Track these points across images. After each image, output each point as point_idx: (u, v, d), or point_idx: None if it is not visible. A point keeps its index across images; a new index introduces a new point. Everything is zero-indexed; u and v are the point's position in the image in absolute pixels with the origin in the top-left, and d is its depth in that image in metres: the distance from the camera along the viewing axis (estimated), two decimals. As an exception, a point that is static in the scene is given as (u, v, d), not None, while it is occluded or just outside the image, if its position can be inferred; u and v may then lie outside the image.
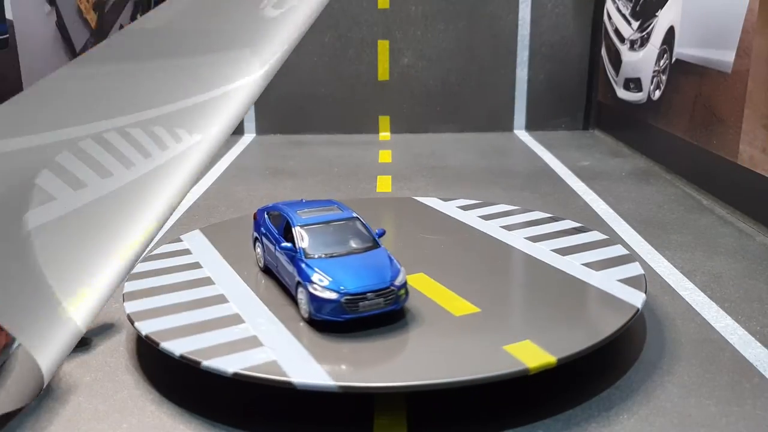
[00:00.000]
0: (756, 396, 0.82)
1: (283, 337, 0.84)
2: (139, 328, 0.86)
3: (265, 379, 0.75)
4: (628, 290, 0.96)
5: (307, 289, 0.86)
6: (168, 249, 1.13)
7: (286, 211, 0.98)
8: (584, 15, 2.42)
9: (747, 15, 1.45)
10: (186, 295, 0.95)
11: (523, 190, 1.71)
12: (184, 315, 0.89)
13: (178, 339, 0.82)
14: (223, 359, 0.78)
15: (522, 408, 0.80)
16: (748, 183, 1.44)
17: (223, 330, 0.85)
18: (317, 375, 0.76)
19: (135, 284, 0.98)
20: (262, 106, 2.47)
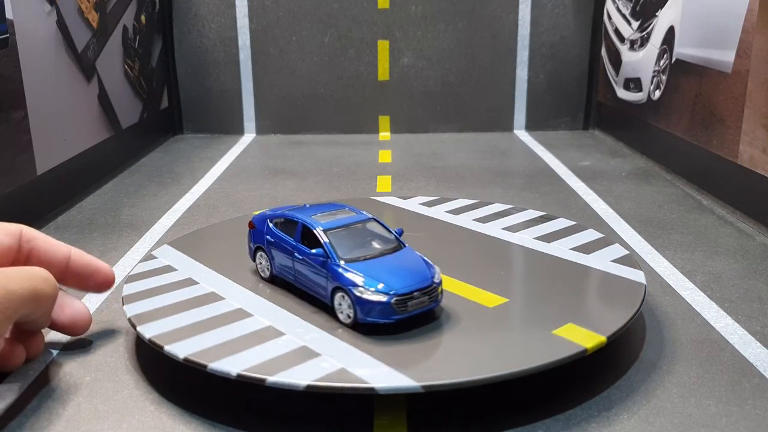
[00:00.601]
0: (756, 396, 0.82)
1: (335, 344, 0.83)
2: (174, 352, 0.80)
3: (344, 388, 0.73)
4: (625, 269, 1.04)
5: (351, 293, 0.85)
6: (148, 267, 1.07)
7: (298, 217, 0.96)
8: (584, 15, 2.42)
9: (747, 15, 1.45)
10: (201, 313, 0.91)
11: (523, 190, 1.71)
12: (212, 334, 0.85)
13: (224, 359, 0.78)
14: (286, 373, 0.75)
15: (522, 408, 0.80)
16: (748, 183, 1.44)
17: (267, 344, 0.82)
18: (396, 378, 0.74)
19: (135, 307, 0.93)
20: (262, 106, 2.47)
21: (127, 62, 2.06)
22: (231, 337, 0.84)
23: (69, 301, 0.93)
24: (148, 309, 0.92)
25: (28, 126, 1.46)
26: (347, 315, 0.87)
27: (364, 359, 0.79)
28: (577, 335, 0.84)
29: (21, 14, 1.43)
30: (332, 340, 0.84)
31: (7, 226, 0.90)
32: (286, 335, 0.85)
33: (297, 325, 0.88)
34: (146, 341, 0.84)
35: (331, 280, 0.88)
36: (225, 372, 0.76)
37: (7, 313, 0.76)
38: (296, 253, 0.94)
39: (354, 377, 0.75)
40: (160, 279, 1.02)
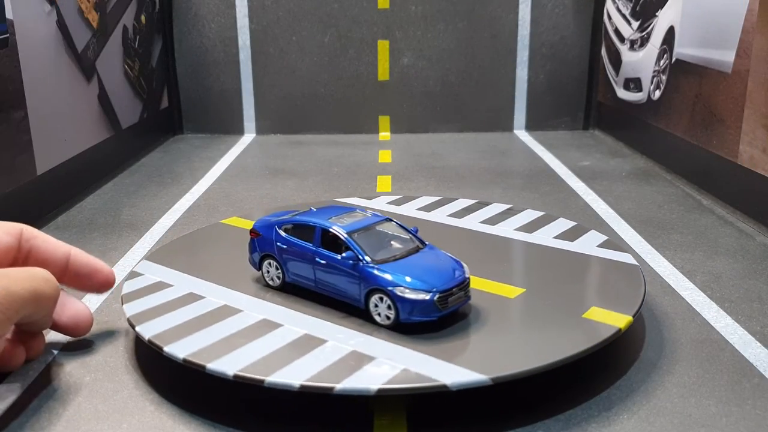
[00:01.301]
0: (756, 396, 0.82)
1: (383, 346, 0.82)
2: (223, 370, 0.77)
3: (417, 388, 0.73)
4: (614, 253, 1.11)
5: (393, 293, 0.85)
6: (138, 285, 1.00)
7: (315, 222, 0.94)
8: (584, 15, 2.42)
9: (747, 15, 1.45)
10: (226, 328, 0.87)
11: (523, 190, 1.71)
12: (250, 348, 0.82)
13: (279, 372, 0.76)
14: (352, 379, 0.74)
15: (522, 408, 0.80)
16: (748, 183, 1.44)
17: (315, 353, 0.81)
18: (463, 374, 0.75)
19: (147, 327, 0.87)
20: (262, 106, 2.47)
21: (127, 62, 2.06)
22: (272, 349, 0.81)
23: (70, 302, 0.93)
24: (166, 328, 0.87)
25: (28, 126, 1.46)
26: (385, 316, 0.87)
27: (421, 358, 0.79)
28: (605, 317, 0.88)
29: (21, 14, 1.43)
30: (378, 342, 0.83)
31: (7, 225, 0.90)
32: (330, 342, 0.83)
33: (335, 331, 0.86)
34: (181, 361, 0.80)
35: (365, 283, 0.88)
36: (287, 385, 0.74)
37: (8, 314, 0.76)
38: (318, 258, 0.92)
39: (422, 377, 0.75)
40: (160, 297, 0.96)
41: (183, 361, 0.79)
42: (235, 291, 0.99)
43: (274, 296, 0.97)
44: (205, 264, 1.09)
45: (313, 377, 0.75)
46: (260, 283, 1.02)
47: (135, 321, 0.88)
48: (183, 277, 1.03)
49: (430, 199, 1.44)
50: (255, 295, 0.98)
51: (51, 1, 1.58)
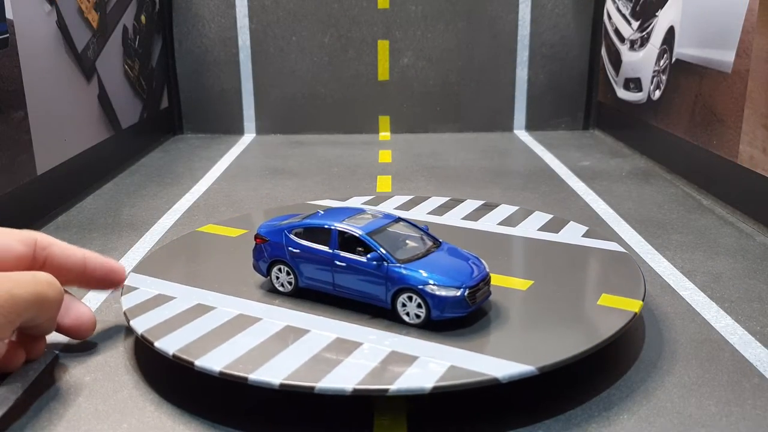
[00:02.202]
0: (756, 396, 0.82)
1: (421, 345, 0.82)
2: (270, 381, 0.75)
3: (469, 383, 0.74)
4: (600, 242, 1.16)
5: (424, 291, 0.85)
6: (138, 299, 0.95)
7: (330, 225, 0.93)
8: (584, 15, 2.42)
9: (747, 15, 1.45)
10: (250, 338, 0.84)
11: (523, 190, 1.71)
12: (285, 357, 0.80)
13: (327, 378, 0.75)
14: (403, 380, 0.74)
15: (522, 408, 0.80)
16: (748, 183, 1.44)
17: (355, 356, 0.80)
18: (510, 366, 0.76)
19: (168, 342, 0.83)
20: (262, 106, 2.47)
21: (127, 62, 2.06)
22: (310, 355, 0.80)
23: (73, 305, 0.92)
24: (188, 341, 0.83)
25: (28, 126, 1.46)
26: (415, 315, 0.87)
27: (462, 354, 0.80)
28: (617, 302, 0.92)
29: (21, 14, 1.43)
30: (414, 341, 0.83)
31: (21, 234, 0.89)
32: (365, 344, 0.83)
33: (366, 333, 0.86)
34: (218, 374, 0.77)
35: (392, 283, 0.87)
36: (339, 390, 0.73)
37: (11, 317, 0.76)
38: (337, 261, 0.92)
39: (471, 372, 0.75)
40: (166, 310, 0.92)
41: (219, 374, 0.76)
42: (243, 299, 0.96)
43: (286, 302, 0.95)
44: (196, 273, 1.06)
45: (363, 380, 0.74)
46: (264, 289, 0.99)
47: (151, 336, 0.84)
48: (182, 288, 0.99)
49: (404, 199, 1.44)
50: (265, 301, 0.95)
51: (51, 1, 1.58)
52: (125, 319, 0.90)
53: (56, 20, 1.61)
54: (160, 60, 2.36)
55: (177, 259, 1.12)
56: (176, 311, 0.92)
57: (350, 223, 0.94)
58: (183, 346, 0.82)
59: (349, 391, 0.73)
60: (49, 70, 1.57)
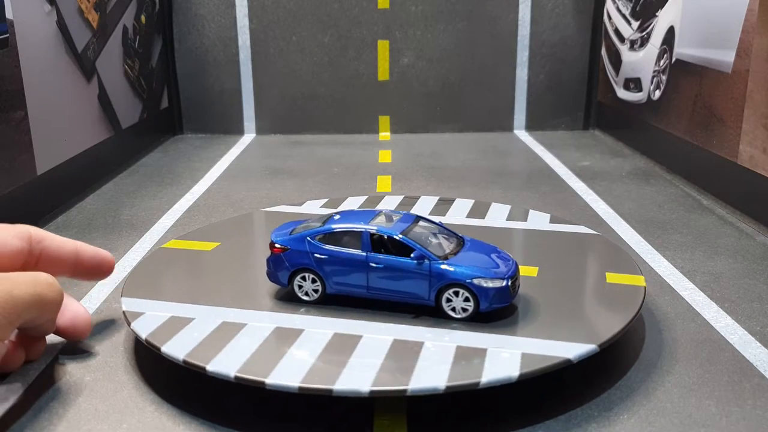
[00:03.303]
0: (756, 396, 0.82)
1: (484, 338, 0.84)
2: (355, 389, 0.74)
3: (550, 366, 0.77)
4: (569, 227, 1.24)
5: (472, 285, 0.87)
6: (153, 325, 0.87)
7: (359, 228, 0.93)
8: (584, 15, 2.42)
9: (747, 15, 1.45)
10: (308, 351, 0.82)
11: (523, 190, 1.71)
12: (358, 365, 0.78)
13: (413, 381, 0.75)
14: (489, 372, 0.75)
15: (522, 409, 0.80)
16: (748, 183, 1.44)
17: (425, 355, 0.80)
18: (574, 347, 0.80)
19: (222, 365, 0.78)
20: (262, 106, 2.47)
21: (127, 62, 2.06)
22: (380, 360, 0.79)
23: (69, 305, 0.92)
24: (241, 362, 0.79)
25: (28, 126, 1.46)
26: (461, 309, 0.88)
27: (525, 341, 0.82)
28: (624, 279, 1.00)
29: (21, 14, 1.43)
30: (472, 334, 0.85)
31: (15, 229, 0.90)
32: (428, 343, 0.83)
33: (420, 332, 0.86)
34: (296, 390, 0.75)
35: (437, 280, 0.88)
36: (433, 389, 0.73)
37: (10, 318, 0.76)
38: (372, 263, 0.91)
39: (545, 357, 0.78)
40: (195, 332, 0.86)
41: (299, 389, 0.74)
42: (270, 312, 0.93)
43: (313, 309, 0.93)
44: (197, 290, 1.00)
45: (452, 377, 0.75)
46: (278, 299, 0.96)
47: (199, 360, 0.79)
48: (194, 307, 0.93)
49: (360, 200, 1.44)
50: (293, 311, 0.93)
51: (51, 1, 1.58)
52: (151, 346, 0.83)
53: (56, 20, 1.61)
54: (160, 60, 2.36)
55: (162, 278, 1.04)
56: (206, 332, 0.86)
57: (377, 225, 0.94)
58: (241, 368, 0.77)
59: (442, 389, 0.73)
60: (49, 70, 1.57)
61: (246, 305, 0.95)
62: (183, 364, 0.79)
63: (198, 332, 0.86)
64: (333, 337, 0.85)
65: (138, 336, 0.85)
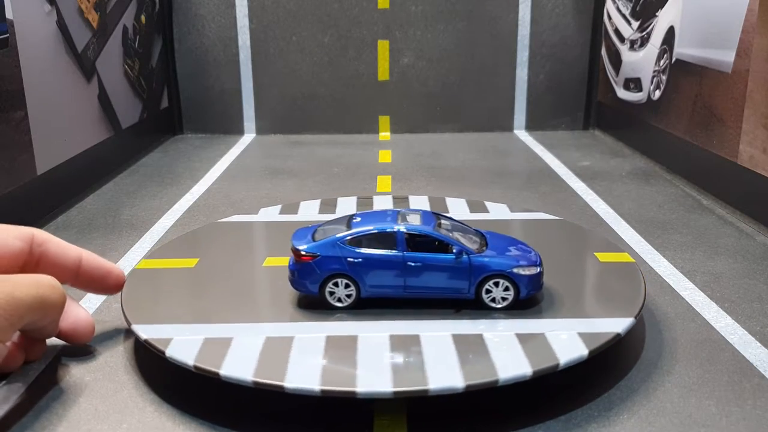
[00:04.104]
0: (756, 396, 0.82)
1: (534, 324, 0.88)
2: (451, 386, 0.74)
3: (606, 343, 0.81)
4: (534, 215, 1.31)
5: (513, 274, 0.91)
6: (191, 351, 0.81)
7: (390, 229, 0.92)
8: (584, 15, 2.42)
9: (747, 15, 1.45)
10: (374, 357, 0.81)
11: (523, 190, 1.71)
12: (433, 361, 0.79)
13: (501, 371, 0.76)
14: (562, 354, 0.79)
15: (522, 409, 0.80)
16: (748, 183, 1.44)
17: (490, 348, 0.81)
18: (613, 323, 0.86)
19: (297, 379, 0.76)
20: (262, 106, 2.47)
21: (127, 62, 2.06)
22: (450, 356, 0.80)
23: (71, 308, 0.92)
24: (314, 373, 0.77)
25: (28, 126, 1.46)
26: (501, 298, 0.92)
27: (569, 322, 0.87)
28: (612, 257, 1.09)
29: (21, 14, 1.43)
30: (520, 322, 0.88)
31: (18, 230, 0.89)
32: (485, 334, 0.85)
33: (471, 326, 0.87)
34: (391, 395, 0.74)
35: (477, 272, 0.91)
36: (521, 376, 0.75)
37: (12, 320, 0.75)
38: (410, 262, 0.91)
39: (598, 334, 0.83)
40: (247, 351, 0.82)
41: (394, 394, 0.74)
42: (306, 322, 0.90)
43: (351, 315, 0.92)
44: (209, 309, 0.94)
45: (534, 363, 0.77)
46: (302, 308, 0.94)
47: (274, 379, 0.76)
48: (225, 327, 0.88)
49: (316, 206, 1.42)
50: (331, 319, 0.91)
51: (51, 1, 1.58)
52: (208, 373, 0.78)
53: (56, 20, 1.61)
54: (160, 60, 2.36)
55: (166, 299, 0.98)
56: (257, 349, 0.82)
57: (406, 224, 0.94)
58: (332, 381, 0.76)
59: (529, 375, 0.76)
60: (49, 70, 1.57)
61: (275, 318, 0.92)
62: (253, 386, 0.75)
63: (248, 350, 0.82)
64: (389, 340, 0.85)
65: (193, 367, 0.78)
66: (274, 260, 1.12)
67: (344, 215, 1.03)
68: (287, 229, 1.21)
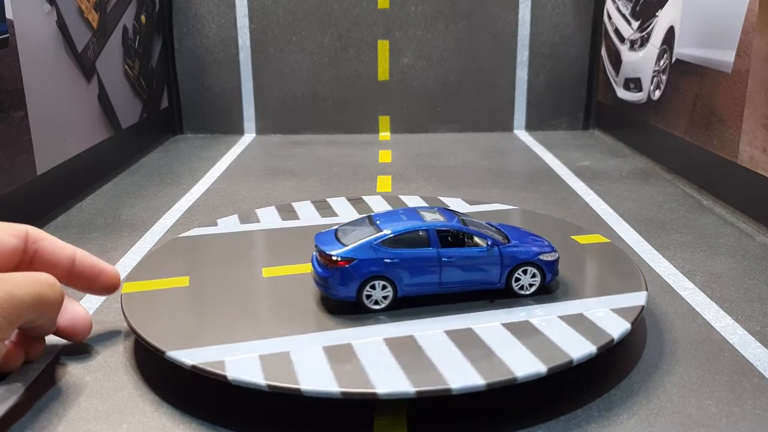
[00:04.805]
0: (756, 396, 0.82)
1: (568, 305, 0.93)
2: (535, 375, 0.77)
3: (639, 316, 0.89)
4: (490, 206, 1.36)
5: (539, 261, 0.96)
6: (254, 367, 0.78)
7: (422, 226, 0.94)
8: (584, 15, 2.42)
9: (747, 15, 1.45)
10: (444, 352, 0.82)
11: (522, 190, 1.71)
12: (488, 352, 0.81)
13: (550, 360, 0.79)
14: (610, 331, 0.84)
15: (522, 409, 0.80)
16: (748, 183, 1.44)
17: (548, 334, 0.85)
18: (635, 297, 0.94)
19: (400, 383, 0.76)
20: (262, 106, 2.47)
21: (127, 62, 2.06)
22: (513, 346, 0.82)
23: (69, 306, 0.92)
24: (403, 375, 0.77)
25: (28, 126, 1.46)
26: (528, 285, 0.97)
27: (597, 301, 0.94)
28: (591, 239, 1.17)
29: (21, 14, 1.43)
30: (553, 305, 0.94)
31: (13, 227, 0.89)
32: (532, 320, 0.90)
33: (516, 311, 0.92)
34: (304, 394, 0.74)
35: (508, 262, 0.95)
36: (588, 354, 0.80)
37: (11, 318, 0.75)
38: (445, 258, 0.93)
39: (629, 308, 0.90)
40: (319, 364, 0.80)
41: (341, 394, 0.74)
42: (354, 328, 0.89)
43: (389, 316, 0.92)
44: (239, 326, 0.89)
45: (597, 342, 0.82)
46: (329, 314, 0.92)
47: (371, 386, 0.75)
48: (272, 342, 0.85)
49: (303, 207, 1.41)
50: (367, 323, 0.90)
51: (51, 1, 1.58)
52: (284, 390, 0.75)
53: (56, 20, 1.61)
54: (160, 60, 2.36)
55: (188, 322, 0.92)
56: (321, 359, 0.81)
57: (433, 221, 0.96)
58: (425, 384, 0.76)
59: (594, 352, 0.81)
60: (49, 70, 1.57)
61: (323, 328, 0.89)
62: (341, 396, 0.74)
63: (315, 362, 0.80)
64: (446, 335, 0.86)
65: (267, 386, 0.76)
66: (272, 270, 1.07)
67: (360, 217, 1.02)
68: (261, 238, 1.22)
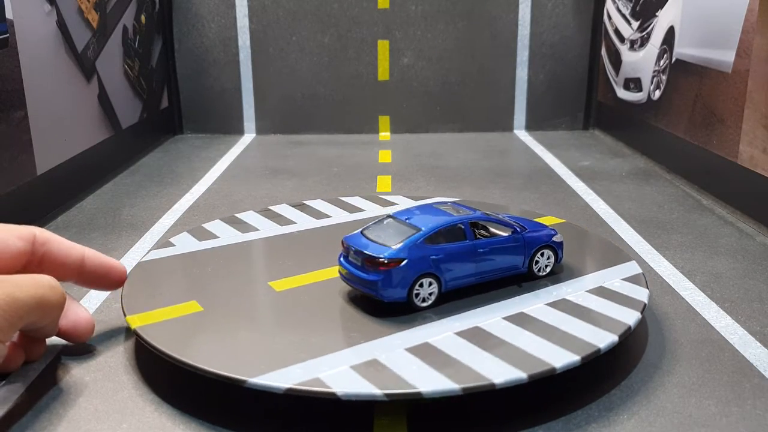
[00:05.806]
0: (756, 396, 0.82)
1: (571, 293, 0.99)
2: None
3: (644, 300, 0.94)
4: (437, 198, 1.41)
5: (555, 243, 1.04)
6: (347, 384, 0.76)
7: (456, 220, 0.97)
8: (584, 15, 2.42)
9: (747, 15, 1.45)
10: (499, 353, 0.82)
11: (522, 190, 1.71)
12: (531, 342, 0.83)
13: (602, 345, 0.83)
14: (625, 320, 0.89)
15: (522, 409, 0.80)
16: (748, 183, 1.44)
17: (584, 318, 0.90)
18: (628, 268, 1.05)
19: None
20: (262, 106, 2.47)
21: (127, 62, 2.06)
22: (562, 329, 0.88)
23: (71, 307, 0.92)
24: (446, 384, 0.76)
25: (28, 126, 1.46)
26: (544, 266, 1.04)
27: (595, 278, 1.03)
28: (549, 221, 1.28)
29: (21, 14, 1.43)
30: (556, 288, 1.00)
31: (19, 229, 0.89)
32: (571, 297, 0.96)
33: (551, 292, 0.99)
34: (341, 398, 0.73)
35: (530, 246, 1.01)
36: (624, 326, 0.87)
37: (12, 321, 0.75)
38: (480, 249, 0.97)
39: (632, 278, 1.01)
40: (375, 370, 0.78)
41: (385, 396, 0.73)
42: (408, 331, 0.88)
43: (433, 314, 0.92)
44: (290, 346, 0.85)
45: (633, 306, 0.92)
46: (366, 318, 0.91)
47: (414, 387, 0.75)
48: (324, 360, 0.81)
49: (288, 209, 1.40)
50: (412, 326, 0.89)
51: (51, 1, 1.58)
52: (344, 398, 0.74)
53: (56, 20, 1.61)
54: (160, 60, 2.36)
55: (231, 350, 0.85)
56: (417, 363, 0.80)
57: (465, 216, 1.00)
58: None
59: (634, 326, 0.87)
60: (49, 70, 1.57)
61: (373, 335, 0.87)
62: (385, 398, 0.73)
63: (408, 364, 0.80)
64: (498, 331, 0.88)
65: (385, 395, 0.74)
66: (280, 283, 1.03)
67: (381, 217, 1.02)
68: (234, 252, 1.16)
